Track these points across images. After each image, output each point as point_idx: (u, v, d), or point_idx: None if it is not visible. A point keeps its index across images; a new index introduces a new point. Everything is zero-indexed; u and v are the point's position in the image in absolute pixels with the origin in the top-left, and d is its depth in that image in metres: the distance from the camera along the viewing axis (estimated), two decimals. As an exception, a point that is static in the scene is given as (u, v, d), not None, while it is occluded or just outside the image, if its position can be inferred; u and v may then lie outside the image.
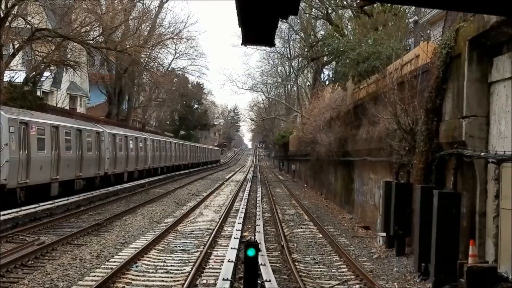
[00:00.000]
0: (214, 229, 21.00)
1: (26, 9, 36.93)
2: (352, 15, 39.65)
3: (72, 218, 23.57)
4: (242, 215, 25.02)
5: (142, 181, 42.57)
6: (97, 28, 40.86)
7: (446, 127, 14.42)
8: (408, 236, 17.15)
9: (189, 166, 73.11)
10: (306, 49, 55.07)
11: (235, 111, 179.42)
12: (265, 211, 28.62)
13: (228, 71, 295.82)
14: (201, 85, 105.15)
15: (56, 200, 25.34)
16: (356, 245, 19.36)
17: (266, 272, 13.23)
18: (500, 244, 12.28)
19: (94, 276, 13.61)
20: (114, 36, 44.62)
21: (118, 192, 34.48)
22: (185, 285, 12.66)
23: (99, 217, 24.02)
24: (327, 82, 52.76)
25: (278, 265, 15.57)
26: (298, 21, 53.22)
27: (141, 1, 51.43)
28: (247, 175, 67.67)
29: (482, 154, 12.46)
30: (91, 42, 39.05)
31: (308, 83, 72.74)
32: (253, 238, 19.13)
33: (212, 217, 25.43)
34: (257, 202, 32.18)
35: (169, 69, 73.57)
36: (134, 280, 13.46)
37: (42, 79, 44.51)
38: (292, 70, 74.10)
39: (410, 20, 34.29)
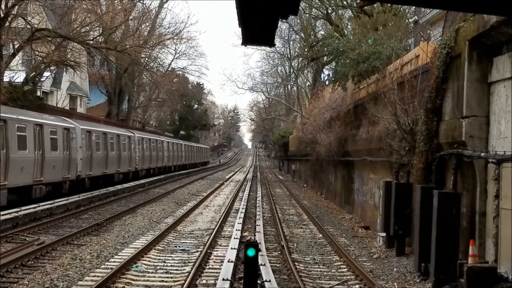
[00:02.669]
0: (214, 229, 20.99)
1: (26, 9, 36.90)
2: (352, 15, 39.65)
3: (72, 218, 23.57)
4: (242, 215, 25.01)
5: (142, 181, 42.74)
6: (97, 28, 40.86)
7: (446, 127, 14.41)
8: (408, 236, 17.14)
9: (144, 175, 47.35)
10: (306, 49, 55.02)
11: (235, 111, 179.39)
12: (265, 211, 28.60)
13: (228, 71, 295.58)
14: (201, 85, 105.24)
15: (56, 200, 25.42)
16: (356, 245, 19.35)
17: (266, 272, 13.23)
18: (500, 244, 12.28)
19: (94, 276, 13.61)
20: (114, 36, 44.62)
21: (118, 192, 34.55)
22: (185, 285, 12.65)
23: (99, 217, 24.02)
24: (327, 82, 52.77)
25: (278, 265, 15.56)
26: (298, 21, 53.19)
27: (141, 1, 51.47)
28: (247, 175, 67.63)
29: (482, 154, 12.44)
30: (91, 42, 39.04)
31: (308, 83, 72.74)
32: (253, 238, 19.11)
33: (212, 217, 25.43)
34: (257, 202, 32.15)
35: (169, 69, 73.55)
36: (134, 280, 13.46)
37: (42, 79, 44.50)
38: (292, 70, 74.13)
39: (410, 20, 34.30)
